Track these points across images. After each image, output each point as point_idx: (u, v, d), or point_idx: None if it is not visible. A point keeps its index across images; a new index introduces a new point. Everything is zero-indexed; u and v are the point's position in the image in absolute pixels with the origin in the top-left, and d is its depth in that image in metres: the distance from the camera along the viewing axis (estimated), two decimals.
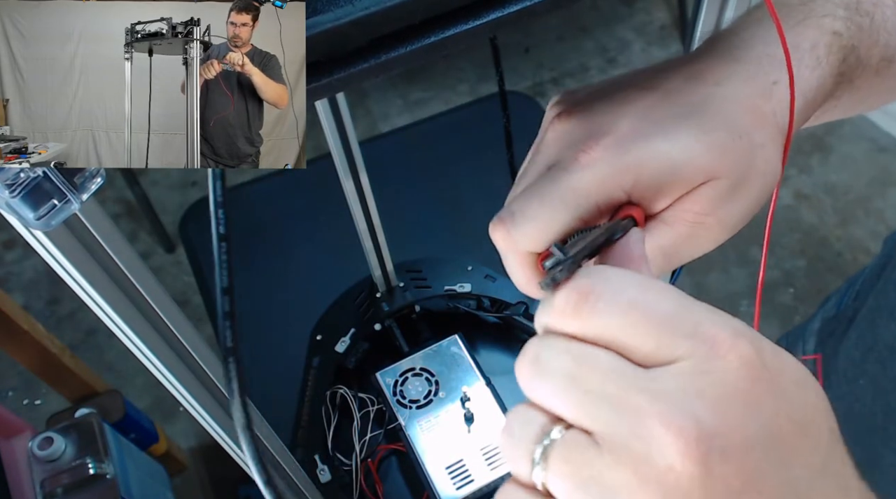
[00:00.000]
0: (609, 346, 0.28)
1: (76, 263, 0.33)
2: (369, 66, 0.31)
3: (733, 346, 0.27)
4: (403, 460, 0.84)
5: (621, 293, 0.28)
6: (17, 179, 0.28)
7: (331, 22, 0.29)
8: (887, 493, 0.63)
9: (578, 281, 0.29)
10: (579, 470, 0.27)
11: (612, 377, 0.27)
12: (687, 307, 0.28)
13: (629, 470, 0.26)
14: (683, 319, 0.28)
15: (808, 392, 0.29)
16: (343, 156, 0.71)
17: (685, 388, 0.26)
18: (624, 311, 0.28)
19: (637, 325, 0.28)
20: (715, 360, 0.27)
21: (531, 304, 0.88)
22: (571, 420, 0.28)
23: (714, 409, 0.26)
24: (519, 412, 0.29)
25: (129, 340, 0.38)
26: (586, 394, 0.27)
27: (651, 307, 0.28)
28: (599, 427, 0.27)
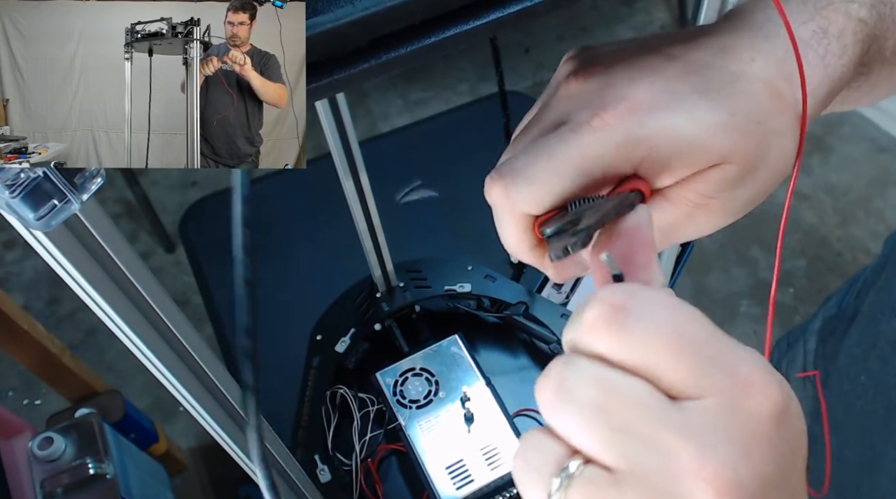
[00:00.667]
0: (638, 370, 0.26)
1: (76, 263, 0.33)
2: (369, 66, 0.31)
3: (765, 388, 0.26)
4: (403, 460, 0.83)
5: (657, 314, 0.27)
6: (17, 179, 0.28)
7: (331, 22, 0.29)
8: (888, 489, 0.63)
9: (611, 295, 0.27)
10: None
11: (642, 412, 0.26)
12: (721, 339, 0.27)
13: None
14: (719, 352, 0.26)
15: (802, 422, 0.28)
16: (343, 156, 0.71)
17: (717, 427, 0.25)
18: (660, 334, 0.26)
19: (672, 351, 0.26)
20: (746, 399, 0.26)
21: (531, 304, 0.88)
22: (593, 455, 0.26)
23: (744, 453, 0.25)
24: (535, 439, 0.28)
25: (129, 340, 0.38)
26: (614, 430, 0.26)
27: (688, 334, 0.26)
28: (625, 465, 0.25)
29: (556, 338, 0.85)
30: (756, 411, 0.26)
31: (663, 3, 2.42)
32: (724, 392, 0.26)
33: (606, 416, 0.26)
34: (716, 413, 0.25)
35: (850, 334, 0.72)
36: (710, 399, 0.26)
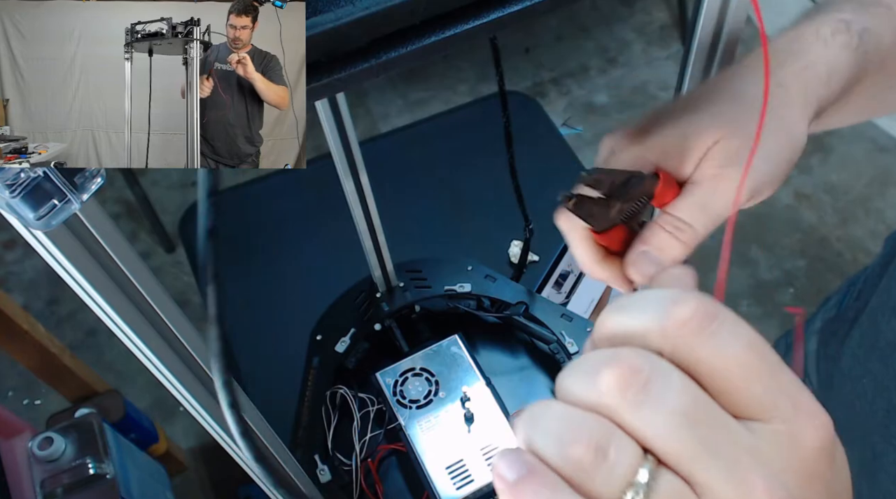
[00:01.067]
0: (710, 381, 0.26)
1: (76, 263, 0.33)
2: (369, 66, 0.31)
3: (824, 422, 0.26)
4: (403, 460, 0.83)
5: (743, 330, 0.27)
6: (18, 179, 0.28)
7: (331, 22, 0.29)
8: (888, 490, 0.63)
9: (704, 301, 0.27)
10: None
11: (726, 429, 0.25)
12: (785, 368, 0.27)
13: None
14: (787, 379, 0.27)
15: (846, 464, 0.29)
16: (343, 156, 0.71)
17: (782, 455, 0.26)
18: (745, 350, 0.26)
19: (752, 369, 0.26)
20: (808, 430, 0.26)
21: (531, 304, 0.88)
22: (674, 464, 0.25)
23: (805, 485, 0.26)
24: (607, 431, 0.26)
25: (129, 341, 0.38)
26: (700, 443, 0.25)
27: (766, 356, 0.26)
28: (704, 479, 0.25)
29: (555, 338, 0.85)
30: (816, 445, 0.26)
31: (663, 3, 2.42)
32: (789, 420, 0.26)
33: (695, 428, 0.25)
34: (782, 441, 0.26)
35: (853, 336, 0.72)
36: (778, 425, 0.26)
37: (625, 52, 2.33)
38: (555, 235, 1.12)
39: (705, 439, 0.25)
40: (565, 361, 0.84)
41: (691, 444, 0.25)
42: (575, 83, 2.26)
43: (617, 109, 2.19)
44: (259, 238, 1.10)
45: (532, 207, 0.86)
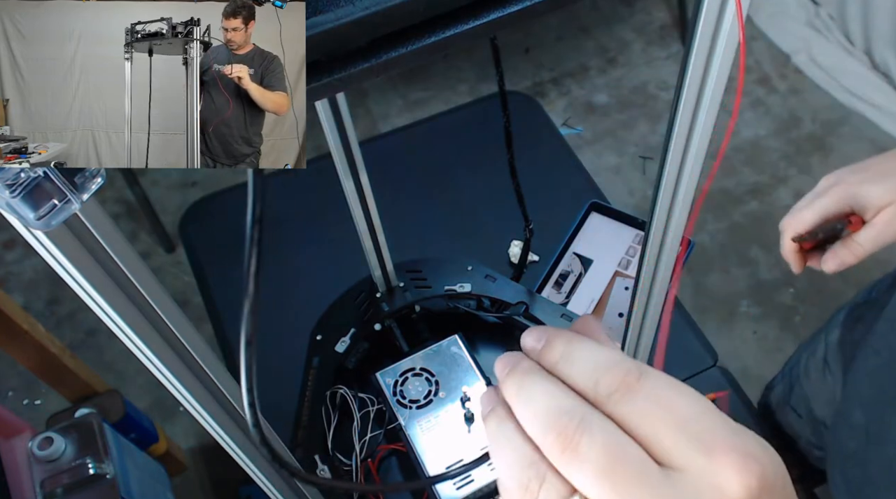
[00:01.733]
0: (634, 432, 0.30)
1: (76, 263, 0.33)
2: (369, 66, 0.31)
3: (752, 469, 0.28)
4: (403, 460, 0.84)
5: (660, 384, 0.30)
6: (18, 179, 0.28)
7: (331, 22, 0.29)
8: (893, 459, 0.65)
9: (629, 367, 0.31)
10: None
11: (643, 478, 0.28)
12: (711, 418, 0.30)
13: None
14: (704, 429, 0.29)
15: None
16: (343, 156, 0.71)
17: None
18: (656, 403, 0.30)
19: (664, 419, 0.29)
20: (729, 476, 0.28)
21: (531, 304, 0.88)
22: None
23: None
24: (535, 469, 0.30)
25: (129, 341, 0.38)
26: (618, 492, 0.28)
27: (681, 406, 0.30)
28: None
29: None
30: (740, 492, 0.28)
31: (663, 3, 2.42)
32: (703, 468, 0.28)
33: (614, 479, 0.29)
34: (699, 488, 0.28)
35: (883, 317, 0.75)
36: (693, 473, 0.28)
37: (625, 52, 2.33)
38: (555, 235, 1.13)
39: (622, 490, 0.28)
40: None
41: (610, 493, 0.29)
42: (575, 83, 2.26)
43: (617, 109, 2.20)
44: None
45: (532, 207, 0.86)
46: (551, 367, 0.33)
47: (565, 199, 1.10)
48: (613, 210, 1.07)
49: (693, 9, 0.46)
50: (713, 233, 1.95)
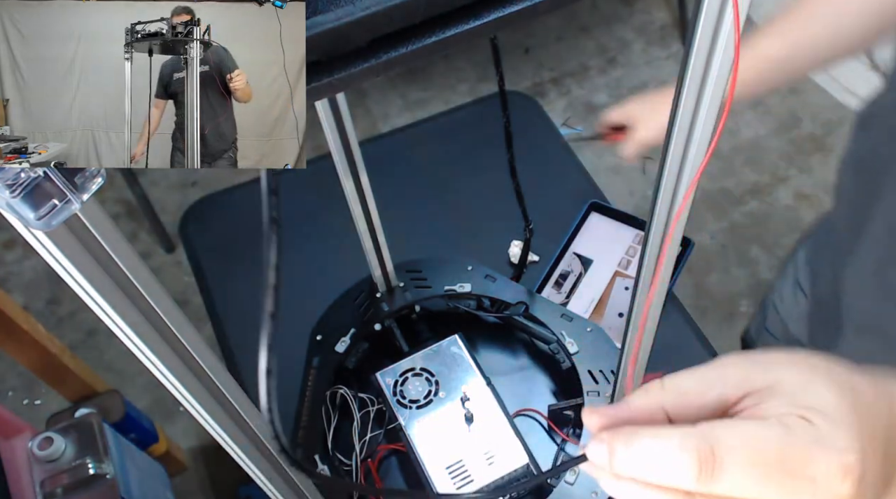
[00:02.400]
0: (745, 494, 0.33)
1: (76, 263, 0.33)
2: (369, 66, 0.31)
3: (831, 479, 0.32)
4: (403, 460, 0.83)
5: (734, 440, 0.33)
6: (18, 179, 0.28)
7: (331, 22, 0.29)
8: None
9: (700, 451, 0.33)
10: None
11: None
12: (791, 447, 0.33)
13: None
14: (794, 454, 0.32)
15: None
16: (343, 156, 0.71)
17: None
18: (750, 460, 0.33)
19: (760, 480, 0.32)
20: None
21: (531, 304, 0.88)
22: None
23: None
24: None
25: (129, 341, 0.38)
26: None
27: (764, 448, 0.33)
28: None
29: (555, 338, 0.85)
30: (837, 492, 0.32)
31: (663, 3, 2.42)
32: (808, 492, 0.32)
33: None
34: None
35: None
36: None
37: (625, 52, 2.33)
38: (555, 235, 1.12)
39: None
40: (565, 362, 0.84)
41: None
42: (575, 83, 2.26)
43: None
44: (259, 238, 1.10)
45: (532, 207, 0.86)
46: (631, 478, 0.34)
47: (565, 199, 1.10)
48: (613, 210, 1.07)
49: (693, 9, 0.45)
50: (713, 233, 1.95)
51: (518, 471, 0.77)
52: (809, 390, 0.34)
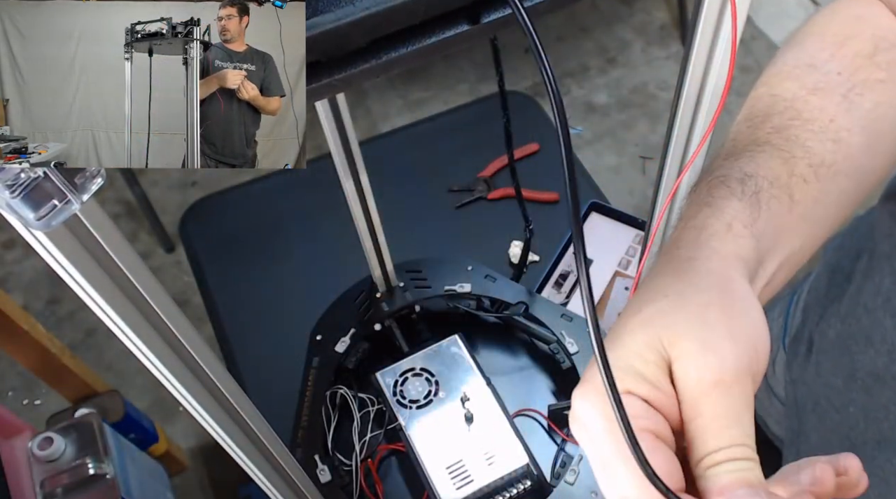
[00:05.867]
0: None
1: (76, 263, 0.33)
2: (369, 66, 0.31)
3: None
4: (403, 460, 0.83)
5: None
6: (18, 179, 0.28)
7: (331, 22, 0.29)
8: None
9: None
10: None
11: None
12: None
13: None
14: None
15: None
16: (343, 156, 0.71)
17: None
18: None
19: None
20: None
21: (531, 304, 0.88)
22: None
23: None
24: None
25: (129, 341, 0.38)
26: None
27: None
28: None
29: (555, 338, 0.85)
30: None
31: (663, 3, 2.42)
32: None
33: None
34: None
35: (821, 363, 0.72)
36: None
37: (625, 52, 2.32)
38: (555, 235, 1.13)
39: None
40: (565, 362, 0.84)
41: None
42: (575, 83, 2.26)
43: (617, 109, 2.19)
44: (259, 238, 1.10)
45: (532, 208, 0.87)
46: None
47: (565, 199, 1.10)
48: (613, 210, 1.07)
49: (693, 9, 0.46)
50: None
51: (518, 471, 0.77)
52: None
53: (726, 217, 0.43)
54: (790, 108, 0.50)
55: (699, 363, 0.36)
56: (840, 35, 0.53)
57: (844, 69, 0.51)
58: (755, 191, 0.45)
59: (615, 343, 0.39)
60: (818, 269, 0.80)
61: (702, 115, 0.52)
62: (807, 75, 0.51)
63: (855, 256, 0.71)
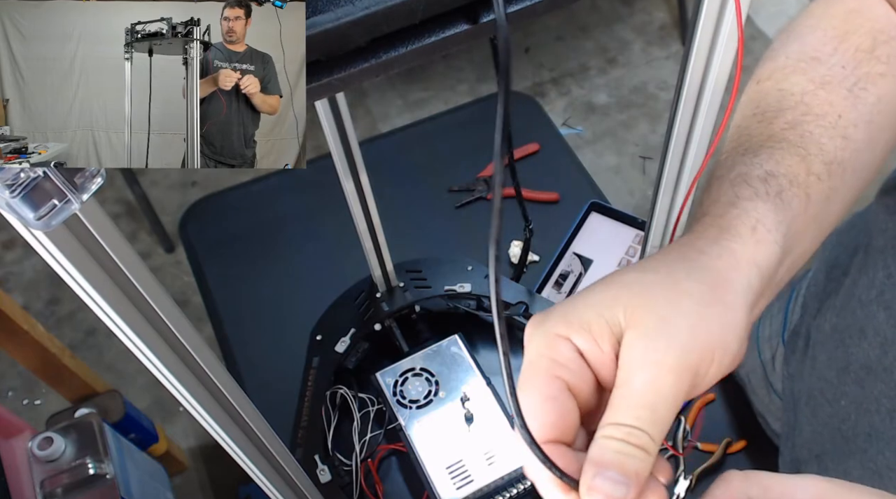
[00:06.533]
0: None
1: (76, 263, 0.33)
2: (369, 66, 0.31)
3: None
4: (403, 460, 0.84)
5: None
6: (18, 179, 0.28)
7: (331, 22, 0.29)
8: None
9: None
10: None
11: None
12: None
13: None
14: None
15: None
16: (343, 156, 0.71)
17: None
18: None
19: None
20: None
21: (531, 304, 0.88)
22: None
23: None
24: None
25: (129, 341, 0.38)
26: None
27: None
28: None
29: None
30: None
31: (663, 3, 2.42)
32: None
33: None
34: None
35: (817, 357, 0.72)
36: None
37: (625, 52, 2.32)
38: (555, 235, 1.13)
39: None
40: None
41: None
42: (575, 83, 2.26)
43: (617, 109, 2.19)
44: (259, 238, 1.10)
45: (532, 208, 0.86)
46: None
47: (565, 199, 1.10)
48: (613, 210, 1.07)
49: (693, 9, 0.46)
50: None
51: (518, 471, 0.77)
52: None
53: (751, 220, 0.43)
54: (801, 103, 0.50)
55: (649, 337, 0.36)
56: (839, 29, 0.53)
57: (847, 63, 0.51)
58: (778, 191, 0.45)
59: (589, 290, 0.39)
60: (816, 265, 0.80)
61: (702, 115, 0.52)
62: (813, 69, 0.51)
63: (852, 251, 0.72)
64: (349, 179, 0.74)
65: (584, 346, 0.37)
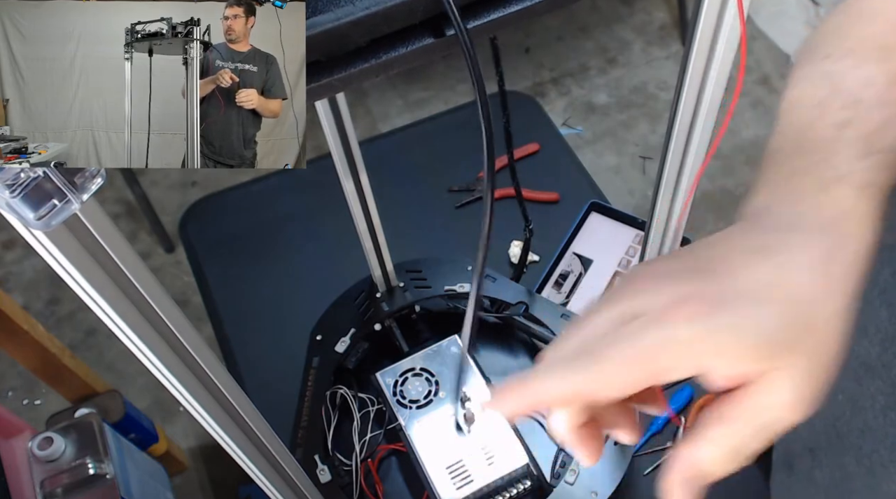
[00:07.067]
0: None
1: (76, 263, 0.33)
2: (369, 66, 0.31)
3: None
4: (403, 460, 0.83)
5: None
6: (18, 179, 0.28)
7: (331, 22, 0.29)
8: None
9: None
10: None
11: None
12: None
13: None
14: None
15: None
16: (343, 156, 0.71)
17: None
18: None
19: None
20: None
21: (531, 304, 0.88)
22: None
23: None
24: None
25: (129, 341, 0.38)
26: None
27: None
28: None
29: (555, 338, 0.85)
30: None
31: (663, 3, 2.42)
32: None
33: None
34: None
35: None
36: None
37: (625, 52, 2.32)
38: (555, 235, 1.12)
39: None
40: None
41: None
42: (575, 83, 2.26)
43: (617, 109, 2.19)
44: (259, 238, 1.10)
45: (532, 208, 0.87)
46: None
47: (565, 199, 1.10)
48: (613, 210, 1.07)
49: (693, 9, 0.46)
50: (713, 233, 1.95)
51: (518, 471, 0.77)
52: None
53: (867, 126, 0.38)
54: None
55: (797, 389, 0.34)
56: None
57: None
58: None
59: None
60: None
61: (702, 115, 0.52)
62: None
63: None
64: (349, 179, 0.74)
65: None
